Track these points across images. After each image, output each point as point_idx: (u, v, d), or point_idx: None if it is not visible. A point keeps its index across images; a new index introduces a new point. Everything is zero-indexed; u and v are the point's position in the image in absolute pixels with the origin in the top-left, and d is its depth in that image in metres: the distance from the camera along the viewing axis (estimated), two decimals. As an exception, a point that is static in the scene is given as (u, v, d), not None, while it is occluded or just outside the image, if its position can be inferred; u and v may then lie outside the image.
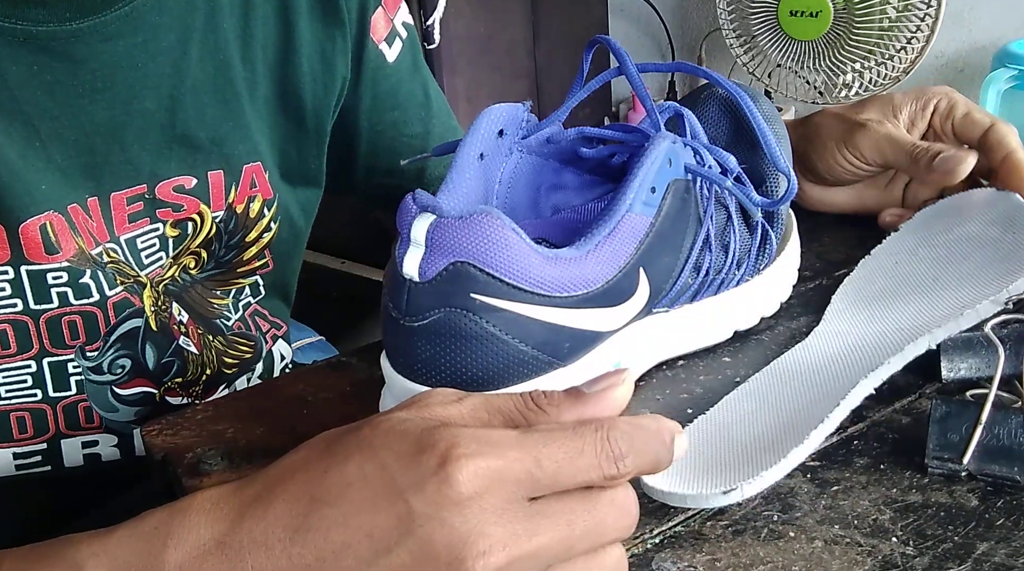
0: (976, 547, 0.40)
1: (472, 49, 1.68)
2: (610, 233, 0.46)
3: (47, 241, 0.56)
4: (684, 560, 0.41)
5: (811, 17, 1.45)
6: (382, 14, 0.70)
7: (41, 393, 0.61)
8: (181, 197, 0.62)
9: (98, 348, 0.61)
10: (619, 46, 0.53)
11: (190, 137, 0.61)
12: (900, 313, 0.53)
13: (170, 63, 0.59)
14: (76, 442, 0.64)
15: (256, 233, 0.67)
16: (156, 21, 0.57)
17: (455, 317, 0.42)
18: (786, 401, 0.48)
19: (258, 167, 0.65)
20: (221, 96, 0.62)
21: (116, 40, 0.56)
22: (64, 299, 0.58)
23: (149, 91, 0.58)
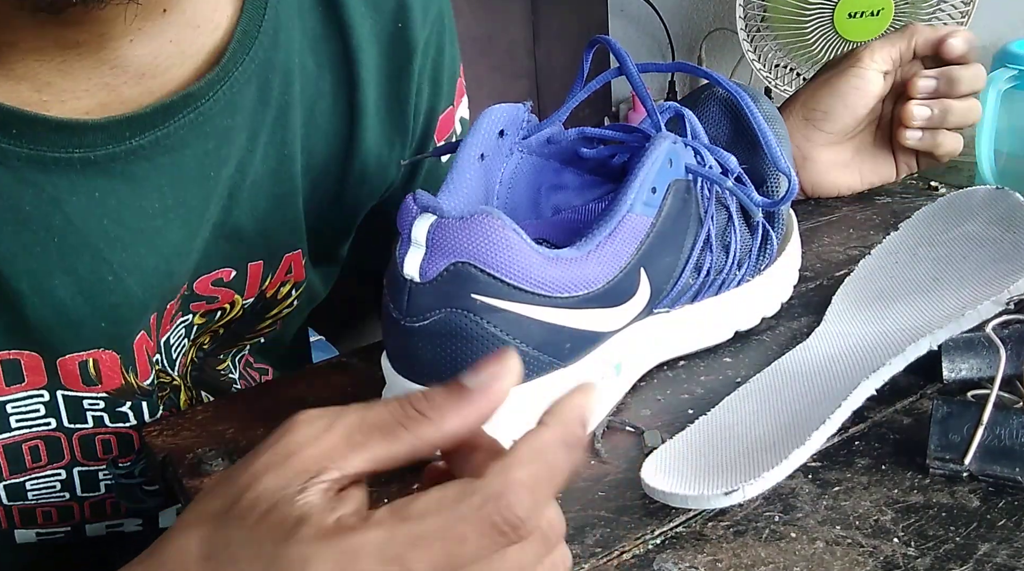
0: (978, 548, 0.40)
1: (472, 49, 1.68)
2: (611, 233, 0.46)
3: (85, 376, 0.52)
4: (685, 561, 0.41)
5: (872, 16, 1.44)
6: (451, 112, 0.66)
7: (70, 495, 0.59)
8: (218, 290, 0.57)
9: (130, 460, 0.59)
10: (619, 46, 0.53)
11: (239, 231, 0.55)
12: (901, 313, 0.53)
13: (236, 163, 0.53)
14: (101, 526, 0.63)
15: (278, 310, 0.63)
16: (228, 124, 0.51)
17: (456, 317, 0.42)
18: (787, 402, 0.48)
19: (298, 255, 0.60)
20: (279, 190, 0.56)
21: (181, 150, 0.49)
22: (100, 422, 0.56)
23: (214, 197, 0.52)
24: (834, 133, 0.71)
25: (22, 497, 0.57)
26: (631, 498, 0.44)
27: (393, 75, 0.59)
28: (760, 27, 1.52)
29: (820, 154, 0.73)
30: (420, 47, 0.59)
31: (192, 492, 0.47)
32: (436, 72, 0.62)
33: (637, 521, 0.43)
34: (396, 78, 0.59)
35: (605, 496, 0.45)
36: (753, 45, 1.54)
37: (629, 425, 0.50)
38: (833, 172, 0.73)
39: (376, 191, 0.63)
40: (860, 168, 0.74)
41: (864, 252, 0.62)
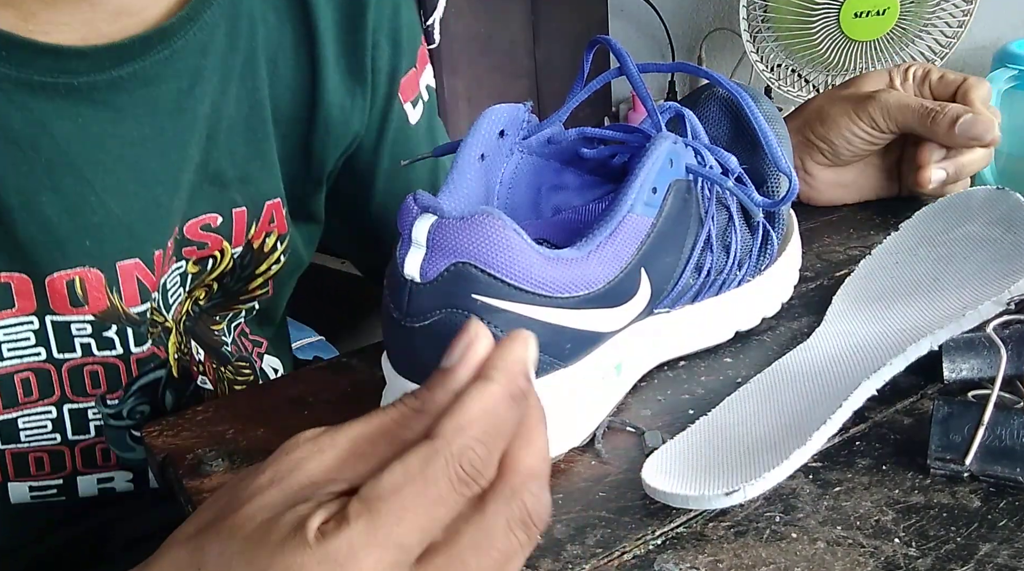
0: (979, 548, 0.40)
1: (472, 49, 1.68)
2: (611, 234, 0.46)
3: (73, 295, 0.55)
4: (686, 561, 0.41)
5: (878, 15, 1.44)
6: (413, 75, 0.69)
7: (60, 437, 0.61)
8: (207, 235, 0.61)
9: (119, 397, 0.60)
10: (619, 46, 0.53)
11: (220, 175, 0.59)
12: (901, 313, 0.53)
13: (210, 104, 0.57)
14: (92, 479, 0.64)
15: (266, 266, 0.66)
16: (200, 63, 0.55)
17: (456, 318, 0.42)
18: (788, 402, 0.48)
19: (278, 203, 0.64)
20: (253, 135, 0.61)
21: (158, 85, 0.54)
22: (87, 349, 0.58)
23: (191, 135, 0.56)
24: (835, 161, 0.71)
25: (15, 438, 0.59)
26: (632, 498, 0.44)
27: (349, 27, 0.63)
28: (762, 27, 1.52)
29: (820, 173, 0.72)
30: (373, 2, 0.63)
31: (192, 492, 0.47)
32: (394, 31, 0.66)
33: (638, 521, 0.43)
34: (352, 30, 0.63)
35: (606, 496, 0.45)
36: (756, 46, 1.54)
37: (630, 425, 0.49)
38: (832, 190, 0.73)
39: (341, 141, 0.66)
40: (861, 187, 0.73)
41: (864, 252, 0.62)
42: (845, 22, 1.47)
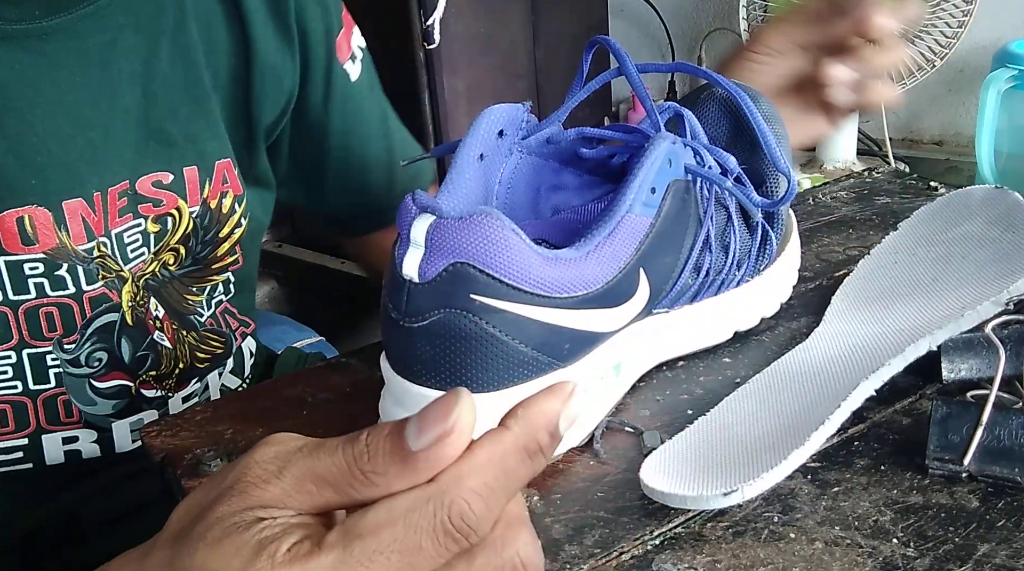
0: (977, 548, 0.40)
1: (472, 49, 1.68)
2: (610, 234, 0.46)
3: (23, 233, 0.58)
4: (684, 562, 0.41)
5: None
6: (345, 35, 0.74)
7: (21, 385, 0.62)
8: (160, 192, 0.64)
9: (75, 341, 0.62)
10: (619, 46, 0.53)
11: (165, 133, 0.63)
12: (900, 314, 0.53)
13: (140, 62, 0.61)
14: (57, 437, 0.64)
15: (228, 229, 0.69)
16: (122, 21, 0.60)
17: (455, 318, 0.42)
18: (787, 402, 0.48)
19: (228, 164, 0.68)
20: (192, 95, 0.64)
21: (85, 38, 0.58)
22: (41, 290, 0.60)
23: (124, 87, 0.61)
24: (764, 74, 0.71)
25: None
26: (630, 499, 0.44)
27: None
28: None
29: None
30: None
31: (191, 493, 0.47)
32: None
33: (636, 522, 0.43)
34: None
35: (604, 497, 0.45)
36: None
37: (628, 426, 0.49)
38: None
39: (278, 100, 0.71)
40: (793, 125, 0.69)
41: (863, 252, 0.62)
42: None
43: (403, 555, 0.29)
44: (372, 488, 0.30)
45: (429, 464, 0.29)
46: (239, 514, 0.30)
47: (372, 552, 0.29)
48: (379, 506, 0.30)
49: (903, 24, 0.66)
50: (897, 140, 1.74)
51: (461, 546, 0.29)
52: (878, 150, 1.69)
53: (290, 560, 0.29)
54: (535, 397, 0.31)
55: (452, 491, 0.29)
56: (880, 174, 0.80)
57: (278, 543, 0.29)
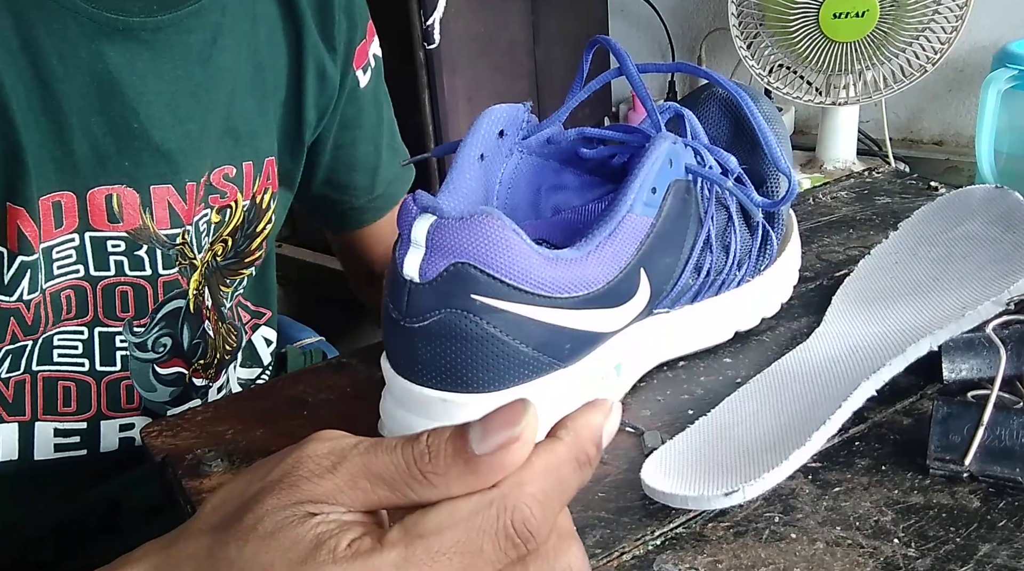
0: (978, 548, 0.40)
1: (472, 49, 1.68)
2: (611, 234, 0.46)
3: (110, 210, 0.61)
4: (685, 562, 0.41)
5: (856, 17, 1.44)
6: (364, 45, 0.77)
7: (88, 364, 0.64)
8: (226, 184, 0.67)
9: (144, 324, 0.65)
10: (619, 46, 0.53)
11: (236, 129, 0.66)
12: (901, 314, 0.53)
13: (230, 60, 0.64)
14: (114, 424, 0.66)
15: (264, 223, 0.72)
16: (219, 21, 0.63)
17: (455, 318, 0.42)
18: (787, 402, 0.48)
19: (273, 161, 0.71)
20: (257, 93, 0.68)
21: (189, 34, 0.61)
22: (120, 268, 0.63)
23: (217, 84, 0.64)
24: None
25: (48, 359, 0.63)
26: (631, 499, 0.44)
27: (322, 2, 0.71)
28: (759, 29, 1.52)
29: None
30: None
31: (192, 493, 0.47)
32: (349, 5, 0.73)
33: (637, 522, 0.43)
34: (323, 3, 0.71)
35: (605, 497, 0.45)
36: (747, 42, 1.54)
37: (629, 426, 0.49)
38: None
39: (324, 104, 0.74)
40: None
41: (864, 252, 0.62)
42: (825, 22, 1.47)
43: (464, 557, 0.29)
44: (430, 489, 0.30)
45: (492, 469, 0.30)
46: (291, 507, 0.30)
47: (435, 552, 0.29)
48: (441, 507, 0.30)
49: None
50: (897, 140, 1.74)
51: (519, 552, 0.30)
52: (878, 150, 1.69)
53: (352, 555, 0.29)
54: (580, 411, 0.32)
55: (514, 496, 0.29)
56: (880, 174, 0.80)
57: (337, 539, 0.29)
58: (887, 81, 1.46)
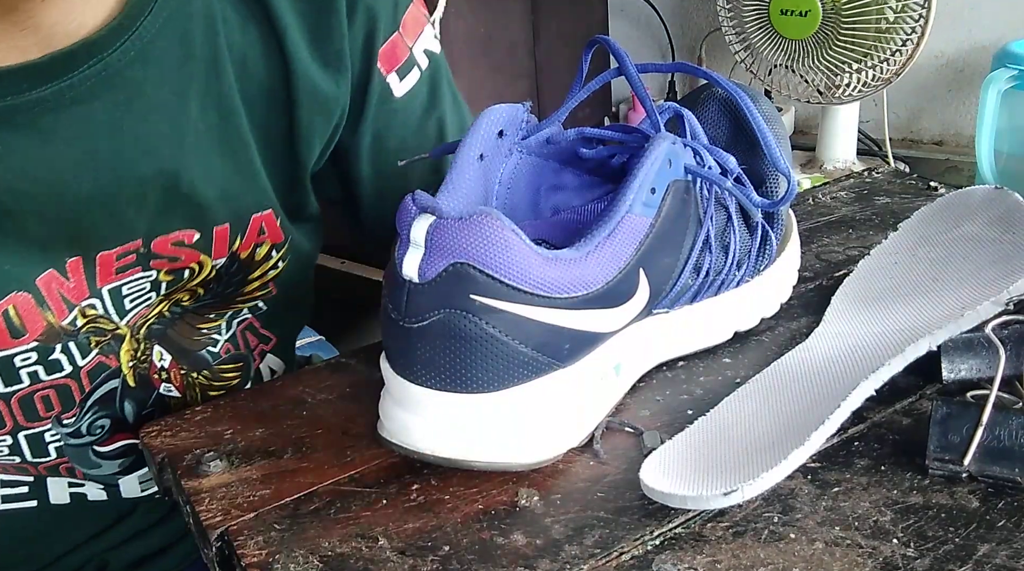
0: (977, 548, 0.40)
1: (472, 49, 1.68)
2: (610, 234, 0.46)
3: (11, 327, 0.52)
4: (684, 562, 0.41)
5: (800, 16, 1.44)
6: (398, 40, 0.62)
7: (20, 459, 0.59)
8: (180, 250, 0.57)
9: (75, 415, 0.59)
10: (619, 46, 0.53)
11: (196, 195, 0.55)
12: (900, 314, 0.53)
13: (166, 121, 0.53)
14: (63, 482, 0.63)
15: (260, 272, 0.63)
16: (139, 77, 0.51)
17: (454, 318, 0.42)
18: (786, 402, 0.48)
19: (268, 215, 0.60)
20: (229, 147, 0.56)
21: (90, 102, 0.49)
22: (35, 377, 0.56)
23: (143, 154, 0.52)
24: None
25: None
26: (630, 499, 0.44)
27: (317, 15, 0.58)
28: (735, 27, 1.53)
29: None
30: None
31: (191, 493, 0.47)
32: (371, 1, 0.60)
33: (636, 522, 0.43)
34: (321, 18, 0.58)
35: (604, 497, 0.45)
36: (744, 44, 1.54)
37: (628, 426, 0.49)
38: None
39: (325, 132, 0.62)
40: None
41: (863, 252, 0.62)
42: (774, 18, 1.48)
43: None
44: None
45: None
46: None
47: None
48: None
49: None
50: (897, 140, 1.74)
51: None
52: (878, 150, 1.69)
53: None
54: None
55: None
56: (880, 174, 0.80)
57: None
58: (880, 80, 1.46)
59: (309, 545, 0.43)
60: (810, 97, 1.53)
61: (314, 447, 0.50)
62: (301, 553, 0.42)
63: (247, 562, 0.42)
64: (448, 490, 0.46)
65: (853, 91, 1.48)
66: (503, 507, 0.45)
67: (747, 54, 1.54)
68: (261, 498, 0.46)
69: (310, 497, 0.46)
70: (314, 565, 0.42)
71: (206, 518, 0.45)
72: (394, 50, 0.62)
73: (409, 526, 0.44)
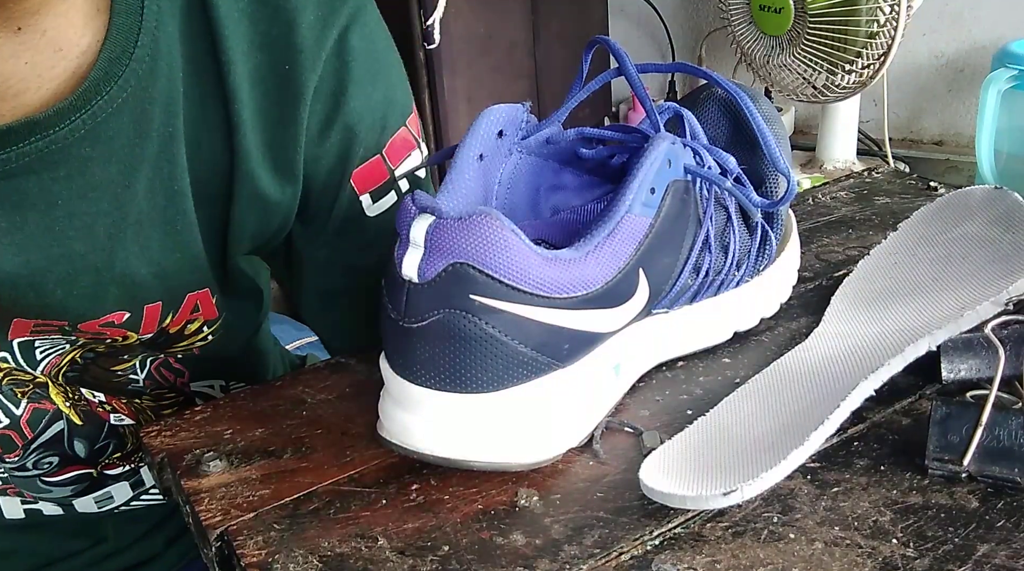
0: (977, 549, 0.40)
1: (472, 49, 1.68)
2: (609, 234, 0.46)
3: None
4: (684, 562, 0.41)
5: (775, 13, 1.45)
6: (378, 163, 0.59)
7: None
8: (106, 330, 0.55)
9: (18, 455, 0.58)
10: (619, 46, 0.53)
11: (130, 275, 0.53)
12: (900, 314, 0.53)
13: (108, 199, 0.50)
14: (15, 500, 0.62)
15: (188, 343, 0.61)
16: (86, 154, 0.48)
17: (454, 318, 0.42)
18: (786, 402, 0.48)
19: (204, 294, 0.58)
20: (171, 228, 0.53)
21: (24, 177, 0.47)
22: None
23: (77, 232, 0.49)
24: None
25: None
26: (629, 499, 0.44)
27: (277, 120, 0.54)
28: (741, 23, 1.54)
29: None
30: (310, 92, 0.54)
31: (190, 493, 0.47)
32: (347, 115, 0.56)
33: (635, 522, 0.43)
34: (280, 123, 0.54)
35: (603, 497, 0.45)
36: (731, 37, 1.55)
37: (628, 426, 0.49)
38: None
39: (263, 233, 0.59)
40: None
41: (863, 252, 0.62)
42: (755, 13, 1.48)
43: None
44: None
45: None
46: None
47: None
48: None
49: None
50: (897, 140, 1.74)
51: None
52: (878, 150, 1.69)
53: None
54: None
55: None
56: (880, 174, 0.80)
57: None
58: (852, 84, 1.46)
59: (309, 545, 0.43)
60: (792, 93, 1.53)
61: (314, 447, 0.50)
62: (301, 553, 0.42)
63: (247, 562, 0.42)
64: (448, 490, 0.46)
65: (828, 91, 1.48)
66: (502, 507, 0.45)
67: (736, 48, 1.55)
68: (261, 498, 0.46)
69: (310, 497, 0.46)
70: (314, 565, 0.42)
71: (206, 518, 0.45)
72: (371, 172, 0.59)
73: (408, 526, 0.44)
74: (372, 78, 0.57)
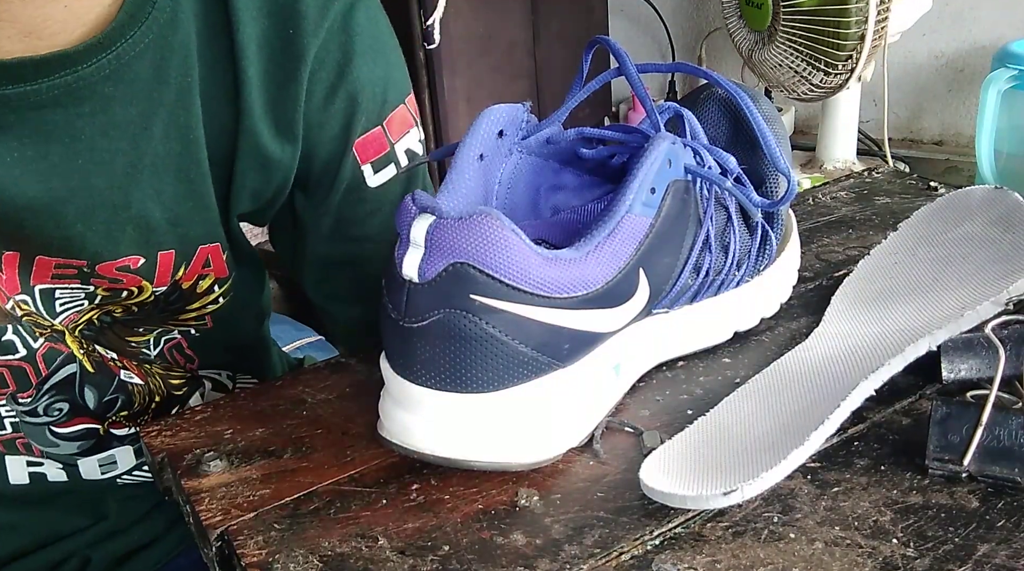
0: (977, 548, 0.40)
1: (472, 49, 1.68)
2: (610, 234, 0.46)
3: None
4: (684, 562, 0.41)
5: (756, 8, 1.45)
6: (379, 134, 0.62)
7: None
8: (123, 274, 0.57)
9: (31, 395, 0.60)
10: (619, 46, 0.53)
11: (145, 217, 0.55)
12: (900, 314, 0.53)
13: (127, 138, 0.53)
14: (21, 460, 0.63)
15: (199, 304, 0.63)
16: (109, 93, 0.51)
17: (454, 318, 0.42)
18: (786, 402, 0.48)
19: (215, 248, 0.60)
20: (185, 175, 0.56)
21: (51, 109, 0.50)
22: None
23: (97, 166, 0.52)
24: None
25: None
26: (630, 499, 0.44)
27: (280, 81, 0.57)
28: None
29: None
30: (312, 55, 0.57)
31: (190, 493, 0.47)
32: (351, 84, 0.59)
33: (636, 522, 0.43)
34: (283, 84, 0.58)
35: (604, 497, 0.45)
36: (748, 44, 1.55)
37: (628, 426, 0.50)
38: None
39: (262, 193, 0.61)
40: None
41: (863, 252, 0.62)
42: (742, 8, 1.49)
43: None
44: None
45: None
46: None
47: None
48: None
49: None
50: (897, 140, 1.74)
51: None
52: (878, 150, 1.69)
53: None
54: None
55: None
56: (880, 174, 0.80)
57: None
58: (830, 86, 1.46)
59: (309, 545, 0.43)
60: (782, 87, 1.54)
61: (314, 447, 0.50)
62: (301, 553, 0.42)
63: (247, 562, 0.42)
64: (448, 490, 0.46)
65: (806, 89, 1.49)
66: (503, 507, 0.45)
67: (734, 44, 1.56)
68: (261, 498, 0.46)
69: (310, 497, 0.46)
70: (314, 565, 0.42)
71: (206, 518, 0.45)
72: (373, 143, 0.62)
73: (409, 526, 0.44)
74: (375, 54, 0.61)
